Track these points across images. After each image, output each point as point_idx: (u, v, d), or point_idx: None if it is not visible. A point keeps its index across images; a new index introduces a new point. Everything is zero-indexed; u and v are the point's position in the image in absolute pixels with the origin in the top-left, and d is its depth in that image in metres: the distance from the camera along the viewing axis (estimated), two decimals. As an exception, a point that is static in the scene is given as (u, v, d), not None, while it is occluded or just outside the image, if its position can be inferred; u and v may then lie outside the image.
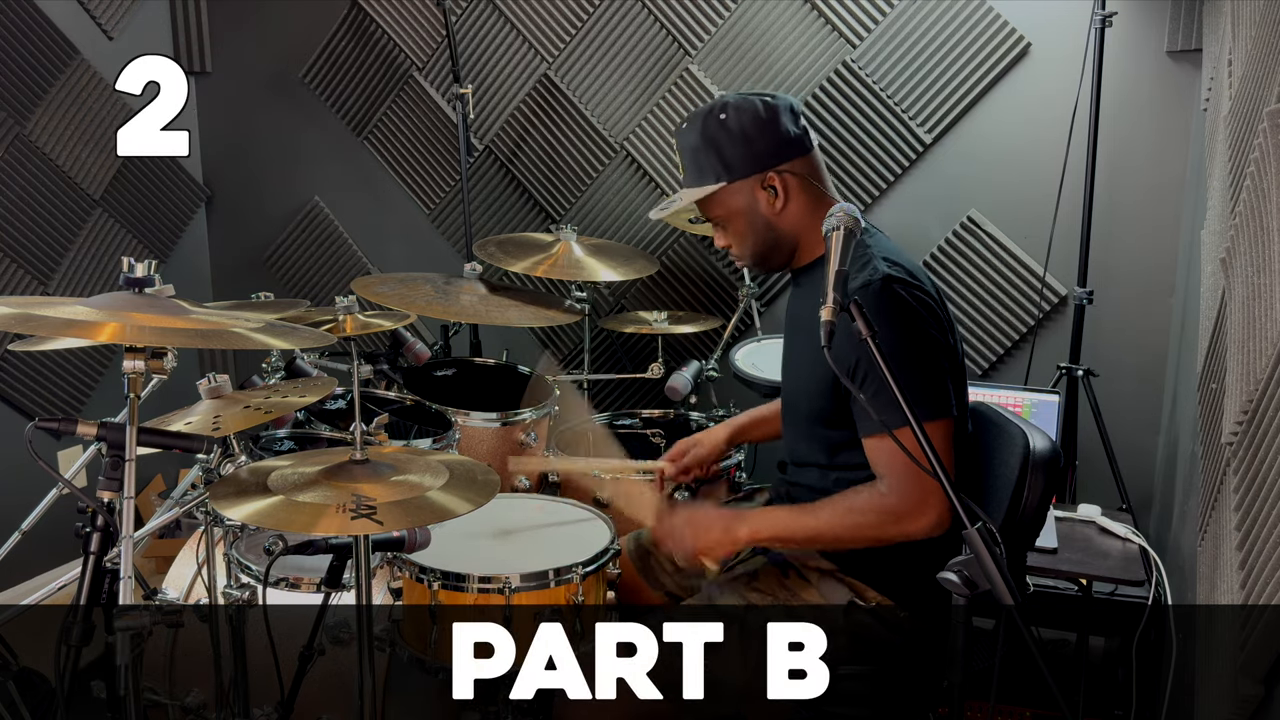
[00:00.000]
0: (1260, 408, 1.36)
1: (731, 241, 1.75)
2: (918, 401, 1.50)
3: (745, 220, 1.71)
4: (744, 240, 1.73)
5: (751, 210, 1.69)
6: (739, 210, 1.70)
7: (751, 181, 1.68)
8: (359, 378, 1.79)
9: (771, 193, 1.68)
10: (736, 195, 1.69)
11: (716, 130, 1.67)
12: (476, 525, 1.89)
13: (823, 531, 1.61)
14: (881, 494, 1.55)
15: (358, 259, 3.56)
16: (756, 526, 1.65)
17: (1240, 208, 1.61)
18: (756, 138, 1.67)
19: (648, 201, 3.18)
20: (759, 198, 1.68)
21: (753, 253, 1.74)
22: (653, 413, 2.69)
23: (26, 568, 2.85)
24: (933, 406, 1.55)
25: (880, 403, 1.44)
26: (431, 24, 3.30)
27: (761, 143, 1.67)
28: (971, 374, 2.90)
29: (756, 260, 1.76)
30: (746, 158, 1.67)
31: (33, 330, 1.38)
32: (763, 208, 1.69)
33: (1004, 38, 2.76)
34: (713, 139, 1.68)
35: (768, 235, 1.71)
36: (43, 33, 2.99)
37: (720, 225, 1.75)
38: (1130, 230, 2.77)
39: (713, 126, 1.68)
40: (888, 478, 1.55)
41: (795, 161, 1.69)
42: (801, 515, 1.64)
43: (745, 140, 1.66)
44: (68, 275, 3.15)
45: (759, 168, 1.67)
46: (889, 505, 1.54)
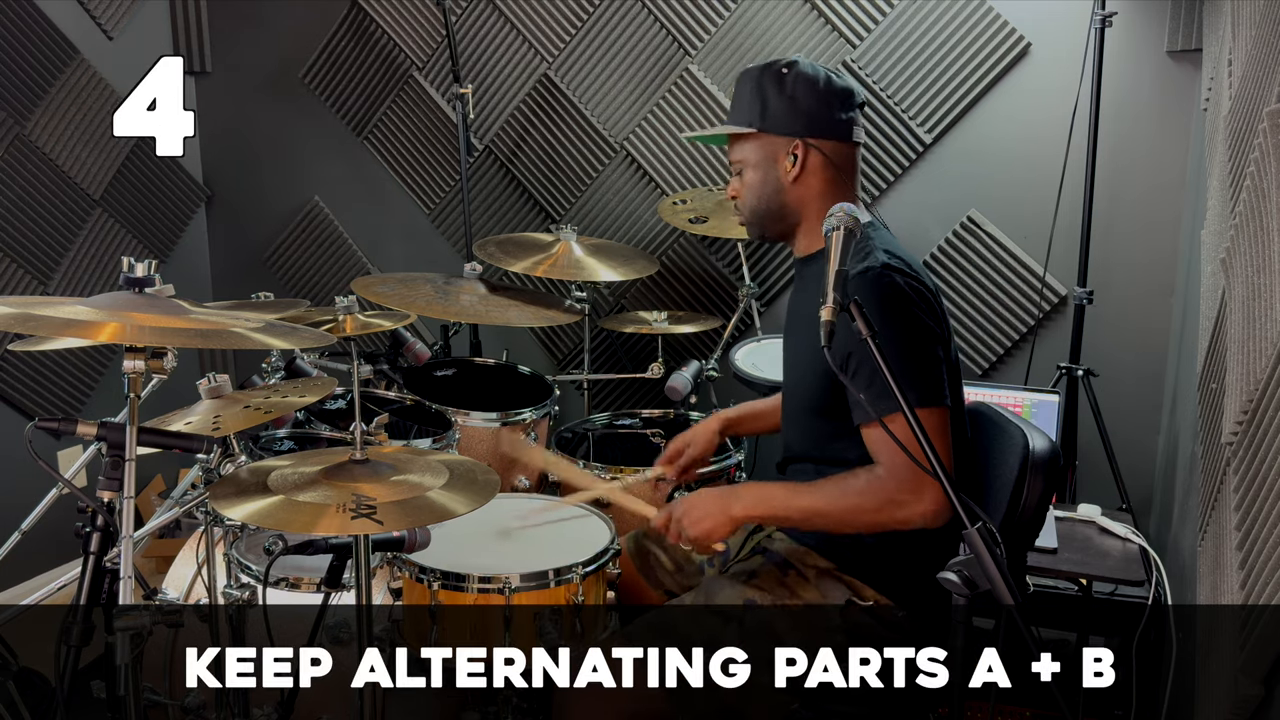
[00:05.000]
0: (1260, 408, 1.36)
1: (739, 191, 1.77)
2: (911, 387, 1.50)
3: (760, 175, 1.73)
4: (750, 194, 1.75)
5: (768, 168, 1.71)
6: (757, 163, 1.72)
7: (780, 141, 1.70)
8: (359, 378, 1.79)
9: (792, 160, 1.69)
10: (761, 148, 1.71)
11: (772, 81, 1.70)
12: (476, 525, 1.89)
13: (818, 510, 1.60)
14: (879, 477, 1.54)
15: (358, 259, 3.56)
16: (750, 502, 1.65)
17: (1240, 208, 1.61)
18: (802, 102, 1.68)
19: (648, 201, 3.18)
20: (781, 161, 1.70)
21: (752, 210, 1.76)
22: (653, 413, 2.69)
23: (26, 568, 2.85)
24: (925, 392, 1.54)
25: (874, 389, 1.45)
26: (431, 24, 3.30)
27: (805, 109, 1.69)
28: (971, 374, 2.90)
29: (753, 220, 1.77)
30: (785, 116, 1.69)
31: (33, 330, 1.38)
32: (780, 171, 1.70)
33: (1004, 38, 2.77)
34: (763, 86, 1.70)
35: (774, 200, 1.73)
36: (43, 33, 2.99)
37: (739, 171, 1.77)
38: (1130, 230, 2.77)
39: (770, 76, 1.70)
40: (884, 463, 1.54)
41: (829, 143, 1.70)
42: (797, 493, 1.64)
43: (791, 100, 1.68)
44: (68, 275, 3.15)
45: (791, 131, 1.69)
46: (885, 490, 1.53)
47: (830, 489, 1.59)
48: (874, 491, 1.54)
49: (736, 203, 1.79)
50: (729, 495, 1.66)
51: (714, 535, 1.63)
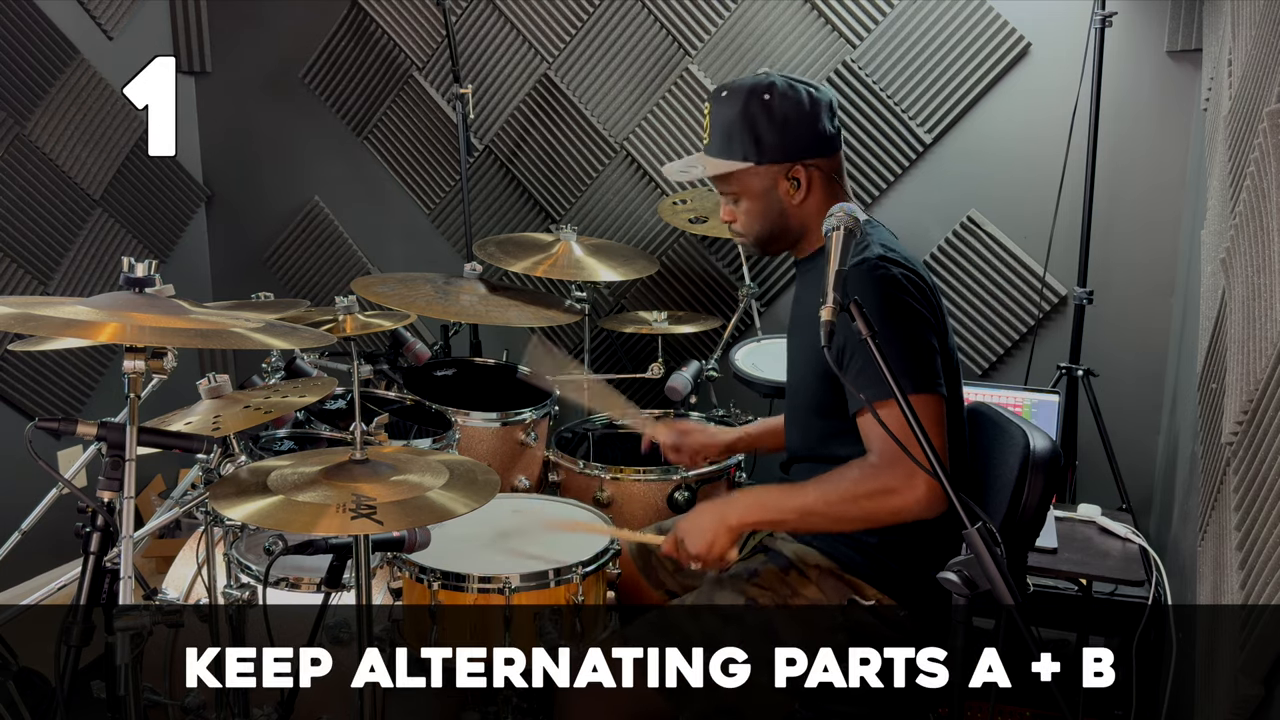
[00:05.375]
0: (1260, 408, 1.36)
1: (739, 219, 1.75)
2: (904, 373, 1.49)
3: (761, 204, 1.71)
4: (753, 221, 1.73)
5: (770, 196, 1.70)
6: (758, 193, 1.71)
7: (778, 168, 1.69)
8: (359, 378, 1.79)
9: (794, 184, 1.68)
10: (760, 178, 1.70)
11: (758, 110, 1.67)
12: (477, 525, 1.89)
13: (812, 507, 1.58)
14: (871, 465, 1.53)
15: (358, 259, 3.56)
16: (744, 509, 1.64)
17: (1240, 208, 1.61)
18: (795, 127, 1.67)
19: (648, 201, 3.18)
20: (781, 186, 1.69)
21: (758, 236, 1.75)
22: (653, 413, 2.68)
23: (26, 568, 2.85)
24: (918, 379, 1.53)
25: (867, 376, 1.44)
26: (431, 24, 3.30)
27: (798, 133, 1.67)
28: (971, 374, 2.90)
29: (759, 243, 1.76)
30: (780, 145, 1.67)
31: (33, 330, 1.38)
32: (782, 197, 1.70)
33: (1004, 38, 2.76)
34: (752, 117, 1.67)
35: (779, 222, 1.72)
36: (43, 33, 2.99)
37: (732, 201, 1.75)
38: (1130, 230, 2.77)
39: (755, 105, 1.67)
40: (875, 450, 1.53)
41: (823, 159, 1.70)
42: (791, 493, 1.63)
43: (784, 127, 1.67)
44: (68, 275, 3.15)
45: (789, 157, 1.68)
46: (877, 478, 1.51)
47: (823, 484, 1.58)
48: (866, 479, 1.53)
49: (734, 226, 1.77)
50: (724, 507, 1.65)
51: (718, 549, 1.62)
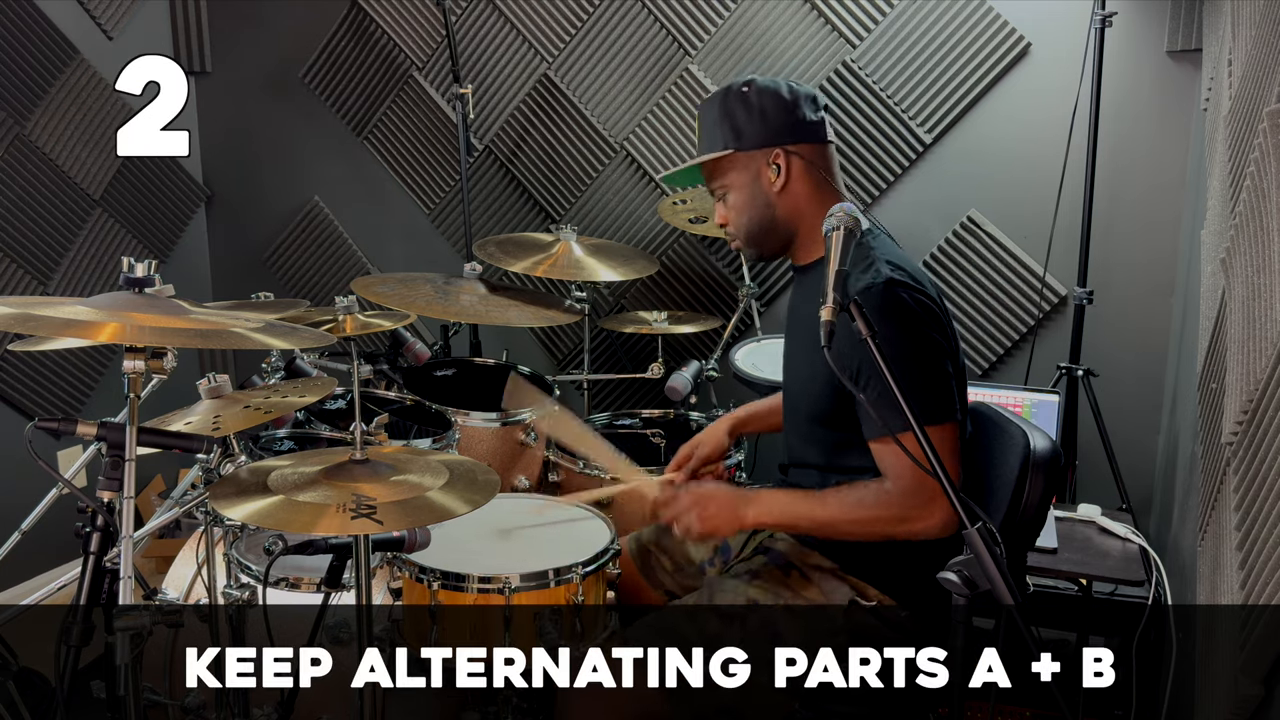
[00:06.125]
0: (1260, 408, 1.36)
1: (729, 216, 1.76)
2: (921, 405, 1.50)
3: (746, 194, 1.72)
4: (741, 215, 1.74)
5: (753, 184, 1.71)
6: (742, 183, 1.72)
7: (759, 155, 1.70)
8: (359, 378, 1.79)
9: (775, 170, 1.69)
10: (742, 168, 1.71)
11: (736, 102, 1.71)
12: (476, 525, 1.89)
13: (830, 522, 1.61)
14: (888, 492, 1.55)
15: (358, 259, 3.56)
16: (762, 510, 1.65)
17: (1240, 208, 1.61)
18: (772, 114, 1.69)
19: (648, 201, 3.18)
20: (764, 175, 1.70)
21: (747, 230, 1.75)
22: (653, 413, 2.69)
23: (26, 568, 2.85)
24: (936, 410, 1.55)
25: (884, 406, 1.44)
26: (431, 24, 3.30)
27: (776, 119, 1.69)
28: (971, 374, 2.90)
29: (750, 239, 1.76)
30: (758, 130, 1.69)
31: (33, 330, 1.38)
32: (764, 184, 1.70)
33: (1004, 38, 2.77)
34: (730, 109, 1.71)
35: (765, 214, 1.72)
36: (43, 33, 2.99)
37: (722, 197, 1.76)
38: (1130, 230, 2.77)
39: (734, 98, 1.71)
40: (893, 480, 1.55)
41: (806, 146, 1.70)
42: (809, 503, 1.64)
43: (761, 114, 1.69)
44: (68, 275, 3.15)
45: (768, 142, 1.69)
46: (895, 505, 1.54)
47: (841, 503, 1.60)
48: (884, 506, 1.55)
49: (728, 229, 1.78)
50: (742, 501, 1.66)
51: (719, 535, 1.63)
